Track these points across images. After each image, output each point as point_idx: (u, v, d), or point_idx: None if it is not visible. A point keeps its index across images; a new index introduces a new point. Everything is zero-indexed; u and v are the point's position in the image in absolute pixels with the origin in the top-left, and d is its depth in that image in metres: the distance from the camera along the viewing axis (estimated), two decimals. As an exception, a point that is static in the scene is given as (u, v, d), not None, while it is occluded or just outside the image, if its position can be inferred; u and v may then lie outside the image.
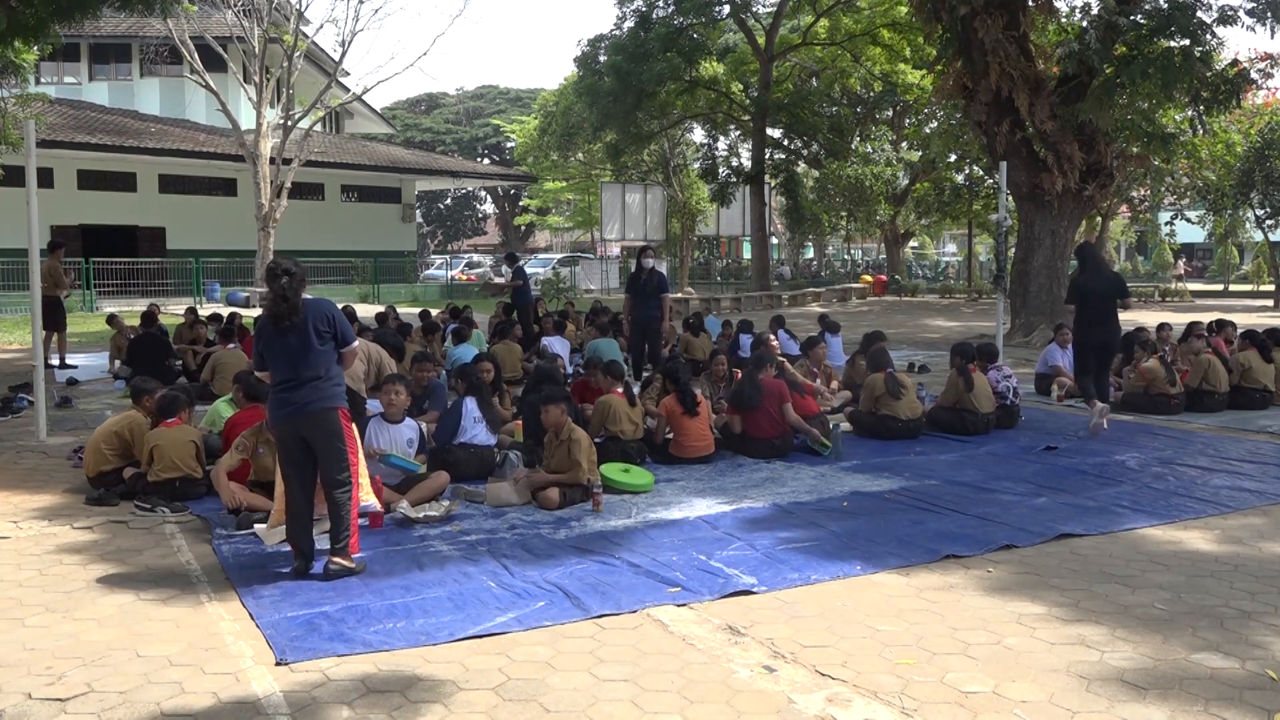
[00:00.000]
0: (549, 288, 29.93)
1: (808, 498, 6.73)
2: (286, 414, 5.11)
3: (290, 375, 5.10)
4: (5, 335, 18.32)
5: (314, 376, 5.08)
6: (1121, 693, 3.78)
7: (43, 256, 10.43)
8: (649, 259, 12.37)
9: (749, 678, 3.92)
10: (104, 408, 10.42)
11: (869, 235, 43.57)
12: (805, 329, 14.53)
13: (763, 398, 8.03)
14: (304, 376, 5.08)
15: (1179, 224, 34.99)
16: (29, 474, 7.49)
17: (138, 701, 3.72)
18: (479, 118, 61.20)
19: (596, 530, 5.94)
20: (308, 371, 5.08)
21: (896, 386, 8.78)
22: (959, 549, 5.51)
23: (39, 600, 4.81)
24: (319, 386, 5.08)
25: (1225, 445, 8.53)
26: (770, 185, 32.72)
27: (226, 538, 5.76)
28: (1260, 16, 15.63)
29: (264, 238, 27.12)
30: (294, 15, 27.74)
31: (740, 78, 32.65)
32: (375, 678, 3.92)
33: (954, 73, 17.55)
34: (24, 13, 10.41)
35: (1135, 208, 33.66)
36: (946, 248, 64.66)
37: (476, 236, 70.77)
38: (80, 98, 32.96)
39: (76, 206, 28.81)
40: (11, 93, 18.71)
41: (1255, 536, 5.82)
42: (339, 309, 5.37)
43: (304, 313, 5.10)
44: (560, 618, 4.52)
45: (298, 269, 5.17)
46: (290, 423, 5.12)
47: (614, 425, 7.49)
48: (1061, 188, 16.60)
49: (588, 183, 42.65)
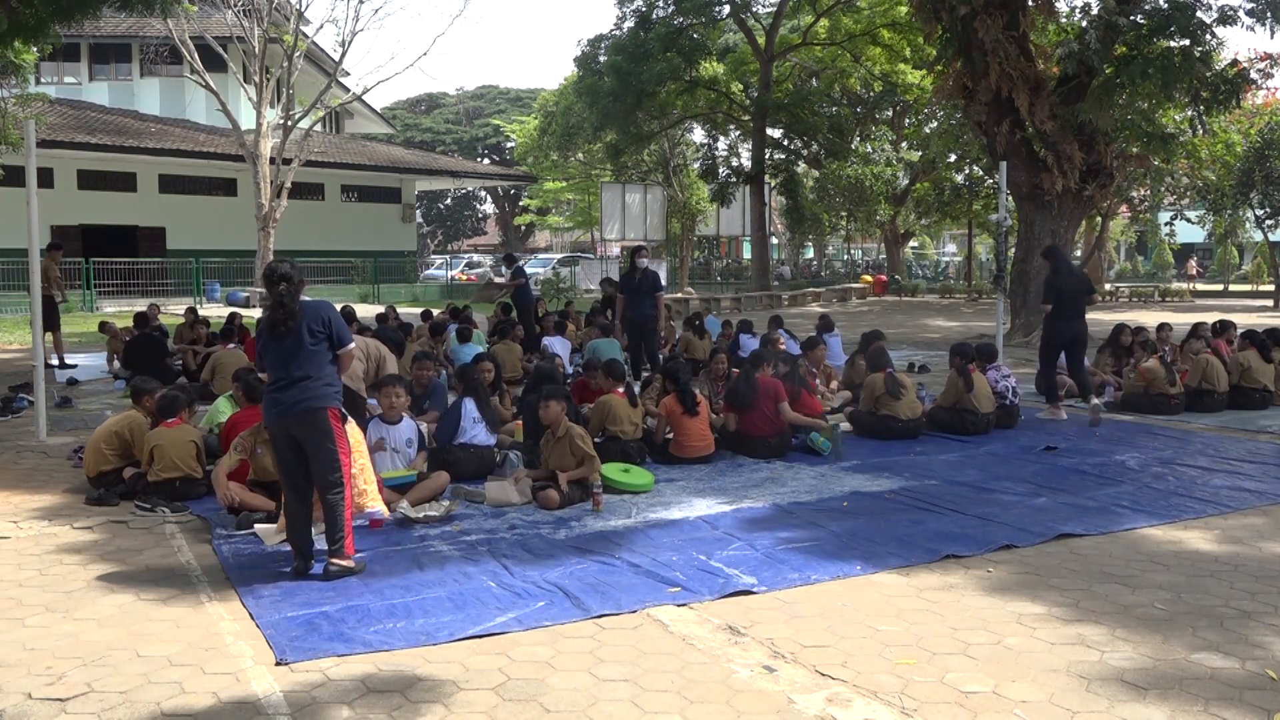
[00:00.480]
0: (549, 288, 29.93)
1: (808, 498, 6.73)
2: (276, 413, 5.14)
3: (282, 375, 5.12)
4: (5, 335, 18.32)
5: (303, 376, 5.08)
6: (1121, 693, 3.78)
7: (42, 256, 10.43)
8: (644, 259, 12.38)
9: (749, 678, 3.92)
10: (104, 408, 10.42)
11: (869, 235, 43.58)
12: (805, 329, 14.54)
13: (758, 396, 8.04)
14: (294, 376, 5.09)
15: (1179, 224, 34.97)
16: (29, 474, 7.49)
17: (138, 701, 3.72)
18: (479, 118, 61.20)
19: (596, 530, 5.94)
20: (298, 371, 5.09)
21: (896, 386, 8.78)
22: (959, 549, 5.51)
23: (39, 600, 4.81)
24: (308, 386, 5.08)
25: (1225, 445, 8.53)
26: (770, 185, 32.71)
27: (226, 538, 5.76)
28: (1260, 16, 15.63)
29: (264, 238, 27.12)
30: (294, 15, 27.74)
31: (740, 78, 32.65)
32: (375, 678, 3.92)
33: (954, 73, 17.55)
34: (24, 13, 10.42)
35: (1135, 208, 33.64)
36: (946, 248, 64.66)
37: (476, 236, 70.78)
38: (80, 98, 32.98)
39: (76, 206, 28.82)
40: (11, 93, 18.73)
41: (1255, 536, 5.82)
42: (337, 311, 5.36)
43: (300, 315, 5.11)
44: (560, 618, 4.52)
45: (295, 273, 5.17)
46: (280, 422, 5.14)
47: (614, 425, 7.49)
48: (1061, 188, 16.60)
49: (588, 183, 42.65)
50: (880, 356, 9.24)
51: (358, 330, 9.34)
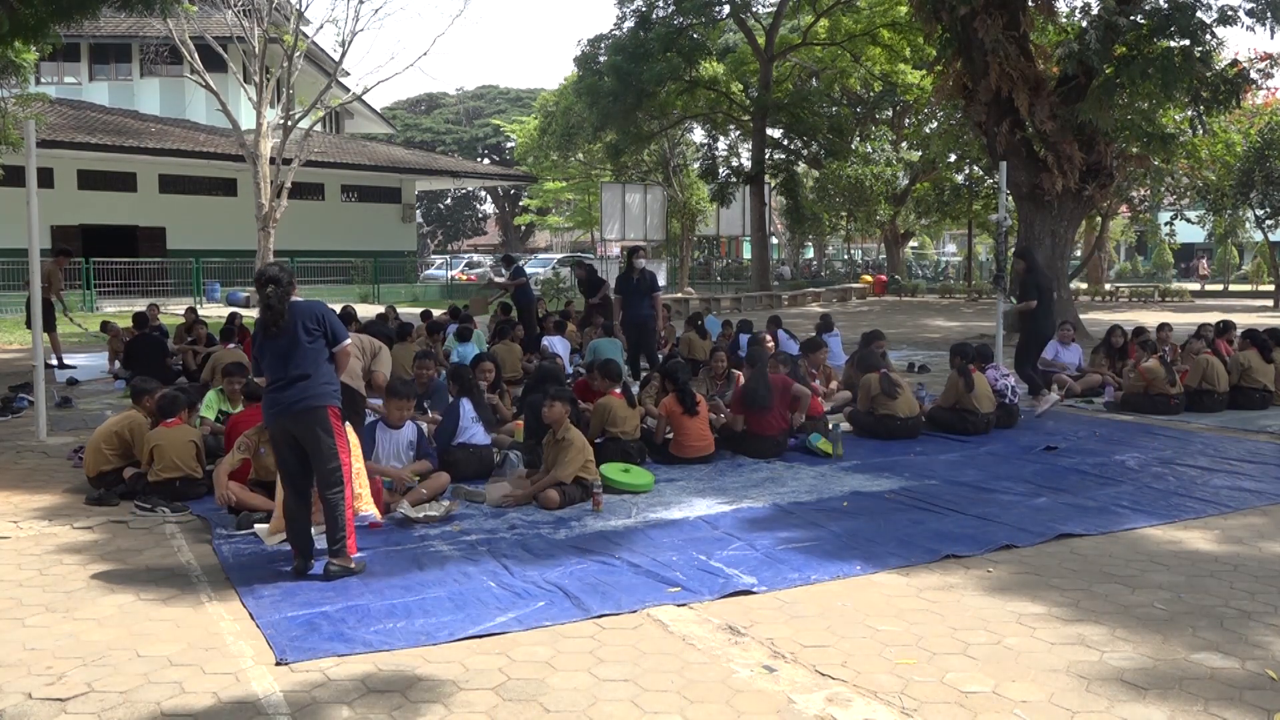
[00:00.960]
0: (549, 288, 29.92)
1: (808, 498, 6.73)
2: (275, 413, 5.15)
3: (280, 375, 5.13)
4: (5, 335, 18.32)
5: (301, 375, 5.09)
6: (1121, 693, 3.78)
7: (44, 257, 10.42)
8: (641, 260, 12.38)
9: (749, 678, 3.92)
10: (104, 408, 10.42)
11: (869, 235, 43.59)
12: (805, 329, 14.53)
13: (775, 396, 8.09)
14: (291, 375, 5.10)
15: (1179, 224, 34.96)
16: (29, 474, 7.49)
17: (138, 701, 3.72)
18: (479, 118, 61.19)
19: (596, 530, 5.94)
20: (295, 370, 5.10)
21: (891, 385, 8.79)
22: (959, 549, 5.51)
23: (39, 600, 4.81)
24: (306, 385, 5.09)
25: (1225, 445, 8.53)
26: (770, 185, 32.70)
27: (226, 538, 5.76)
28: (1260, 16, 15.62)
29: (264, 238, 27.10)
30: (294, 15, 27.71)
31: (740, 78, 32.64)
32: (375, 678, 3.92)
33: (954, 73, 17.55)
34: (24, 13, 10.42)
35: (1135, 208, 33.63)
36: (946, 248, 64.64)
37: (476, 236, 70.77)
38: (80, 98, 32.96)
39: (76, 206, 28.81)
40: (12, 93, 18.72)
41: (1255, 536, 5.82)
42: (330, 309, 5.35)
43: (292, 315, 5.11)
44: (560, 618, 4.52)
45: (285, 275, 5.17)
46: (279, 421, 5.15)
47: (614, 427, 7.50)
48: (1061, 188, 16.60)
49: (588, 183, 42.63)
50: (869, 359, 9.26)
51: (357, 329, 9.34)
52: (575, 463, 6.51)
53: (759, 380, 8.18)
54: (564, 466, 6.49)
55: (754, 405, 8.09)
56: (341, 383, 5.41)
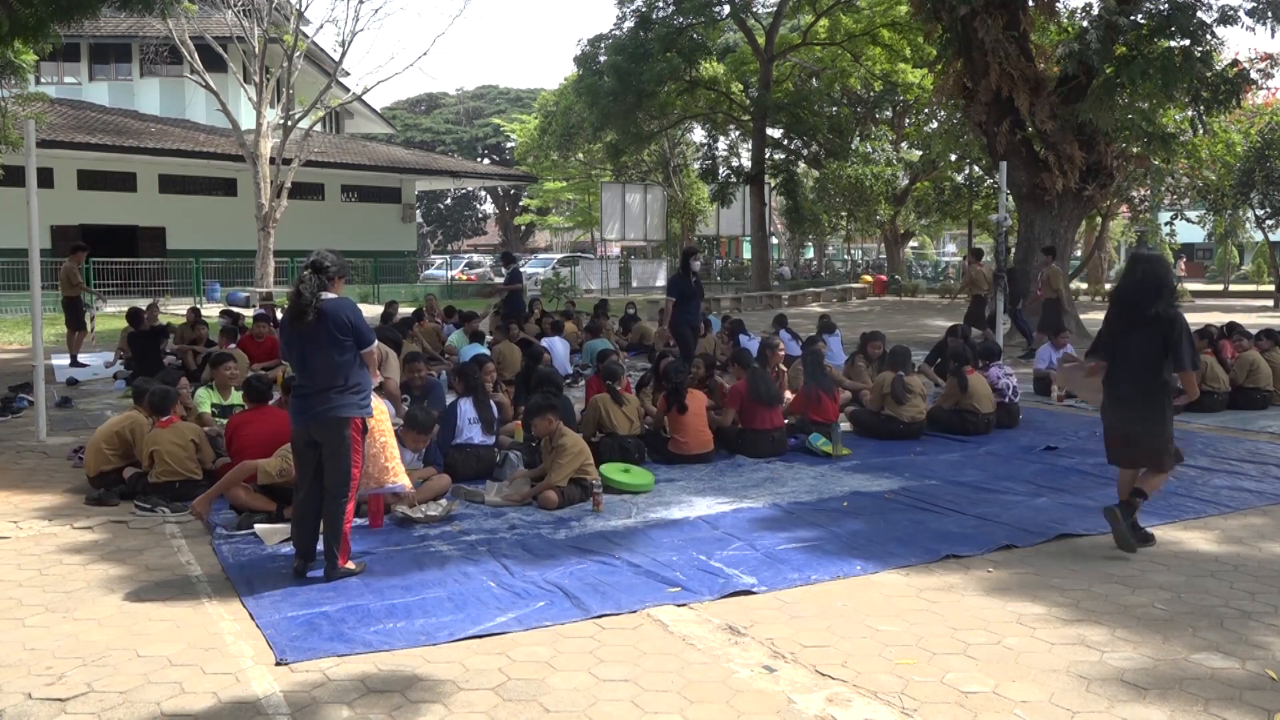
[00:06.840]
0: (549, 288, 29.90)
1: (808, 498, 6.73)
2: (301, 418, 5.12)
3: (306, 380, 5.09)
4: (5, 335, 18.32)
5: (329, 386, 5.03)
6: (1121, 693, 3.78)
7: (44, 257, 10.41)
8: (698, 261, 12.20)
9: (749, 678, 3.92)
10: (104, 408, 10.42)
11: (869, 235, 43.54)
12: (806, 329, 14.53)
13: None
14: (319, 384, 5.04)
15: (1179, 224, 34.95)
16: (29, 474, 7.49)
17: (138, 701, 3.72)
18: (479, 118, 61.19)
19: (596, 530, 5.94)
20: (323, 380, 5.04)
21: (902, 390, 8.78)
22: (959, 549, 5.51)
23: (39, 600, 4.81)
24: (332, 396, 5.03)
25: (1225, 445, 8.53)
26: (770, 185, 32.71)
27: (226, 538, 5.76)
28: (1260, 16, 15.61)
29: (264, 238, 27.12)
30: (294, 15, 27.73)
31: (740, 78, 32.64)
32: (375, 678, 3.92)
33: (954, 73, 17.53)
34: (24, 13, 10.42)
35: (1135, 208, 33.61)
36: (946, 248, 64.61)
37: (476, 236, 70.78)
38: (80, 98, 32.96)
39: (76, 206, 28.80)
40: (11, 93, 18.72)
41: (1255, 536, 5.82)
42: (359, 312, 5.22)
43: (321, 312, 5.00)
44: (560, 618, 4.52)
45: (334, 268, 5.11)
46: (303, 424, 5.12)
47: (608, 426, 7.54)
48: (1061, 188, 16.59)
49: (588, 183, 42.67)
50: (898, 356, 9.19)
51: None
52: (569, 467, 6.52)
53: (760, 378, 8.22)
54: (557, 471, 6.50)
55: (763, 401, 8.12)
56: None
